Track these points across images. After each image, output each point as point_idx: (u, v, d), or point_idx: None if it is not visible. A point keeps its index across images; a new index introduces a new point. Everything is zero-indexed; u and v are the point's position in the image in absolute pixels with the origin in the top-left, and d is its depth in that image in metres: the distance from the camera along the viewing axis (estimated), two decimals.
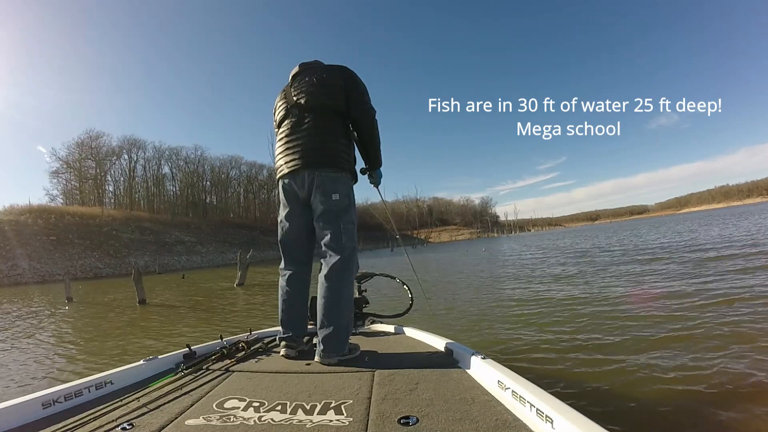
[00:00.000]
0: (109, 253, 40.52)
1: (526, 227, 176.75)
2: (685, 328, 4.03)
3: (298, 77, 2.22)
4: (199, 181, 75.74)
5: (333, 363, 1.91)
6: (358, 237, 2.14)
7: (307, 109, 2.12)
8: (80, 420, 1.32)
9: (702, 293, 5.61)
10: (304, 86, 2.15)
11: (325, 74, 2.15)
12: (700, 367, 3.03)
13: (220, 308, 9.44)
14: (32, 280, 29.43)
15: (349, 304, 2.07)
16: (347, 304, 2.05)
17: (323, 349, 1.94)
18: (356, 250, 2.10)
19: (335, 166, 2.08)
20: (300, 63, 2.28)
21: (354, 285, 2.17)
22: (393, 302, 6.77)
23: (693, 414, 2.41)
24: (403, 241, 76.99)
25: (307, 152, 2.07)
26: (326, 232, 2.07)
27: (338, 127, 2.14)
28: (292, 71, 2.28)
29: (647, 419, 2.39)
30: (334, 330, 1.95)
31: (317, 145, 2.07)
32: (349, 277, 2.08)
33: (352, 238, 2.09)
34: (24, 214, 39.95)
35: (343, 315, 2.00)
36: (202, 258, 47.89)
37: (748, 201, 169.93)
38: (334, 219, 2.06)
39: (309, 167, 2.06)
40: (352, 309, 2.13)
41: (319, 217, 2.09)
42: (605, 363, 3.35)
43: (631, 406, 2.56)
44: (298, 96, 2.15)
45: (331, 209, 2.06)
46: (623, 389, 2.81)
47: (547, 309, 5.77)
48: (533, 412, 1.16)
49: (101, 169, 63.01)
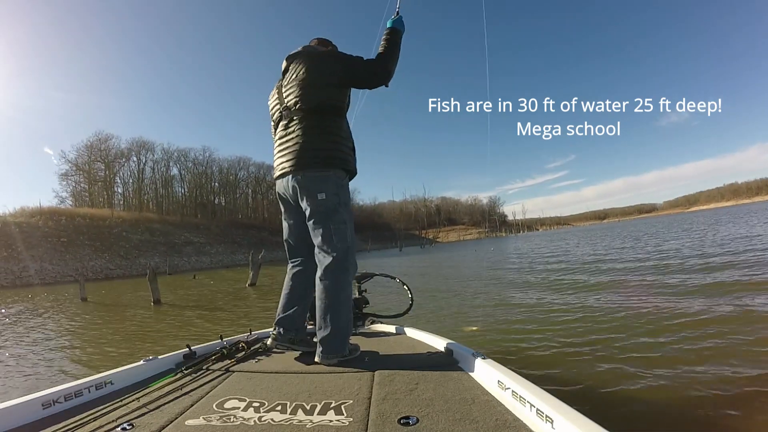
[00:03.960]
0: (119, 255, 40.97)
1: (535, 227, 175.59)
2: (685, 329, 4.00)
3: (287, 74, 2.20)
4: (207, 183, 76.34)
5: (333, 364, 1.89)
6: (367, 237, 2.09)
7: (294, 111, 2.10)
8: (80, 420, 1.32)
9: (701, 293, 5.58)
10: (291, 86, 2.13)
11: (311, 69, 2.09)
12: (700, 368, 3.01)
13: (234, 308, 9.60)
14: (43, 282, 29.76)
15: (347, 305, 2.04)
16: (344, 305, 2.01)
17: (322, 350, 1.93)
18: (350, 251, 2.05)
19: (322, 165, 2.04)
20: (288, 56, 2.23)
21: (352, 285, 2.13)
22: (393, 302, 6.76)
23: (693, 414, 2.39)
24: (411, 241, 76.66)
25: (294, 154, 2.06)
26: (317, 234, 2.05)
27: (327, 123, 2.09)
28: (282, 65, 2.26)
29: (647, 419, 2.38)
30: (332, 331, 1.94)
31: (303, 146, 2.05)
32: (345, 277, 2.03)
33: (343, 238, 2.03)
34: (35, 216, 40.50)
35: (341, 316, 1.98)
36: (212, 259, 48.23)
37: (757, 199, 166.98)
38: (323, 219, 2.03)
39: (295, 169, 2.05)
40: (351, 310, 2.08)
41: (309, 218, 2.07)
42: (605, 363, 3.34)
43: (631, 406, 2.55)
44: (287, 96, 2.15)
45: (318, 210, 2.03)
46: (623, 389, 2.79)
47: (548, 309, 5.74)
48: (533, 412, 1.15)
49: (110, 171, 63.80)
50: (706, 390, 2.64)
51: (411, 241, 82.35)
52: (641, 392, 2.72)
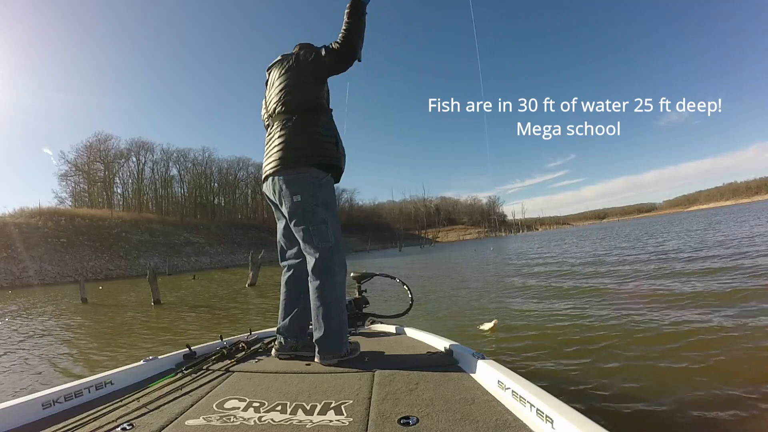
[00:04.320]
0: (119, 255, 40.97)
1: (534, 226, 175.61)
2: (685, 330, 4.00)
3: (269, 81, 2.26)
4: (207, 183, 76.36)
5: (333, 364, 1.89)
6: (367, 238, 2.07)
7: (275, 116, 2.15)
8: (80, 420, 1.32)
9: (702, 294, 5.58)
10: (272, 93, 2.19)
11: (285, 72, 2.13)
12: (700, 368, 3.01)
13: (234, 308, 9.61)
14: (43, 282, 29.82)
15: (338, 305, 2.01)
16: (335, 305, 1.99)
17: (319, 351, 1.94)
18: (334, 250, 2.02)
19: (299, 165, 2.04)
20: (267, 68, 2.29)
21: (342, 284, 2.07)
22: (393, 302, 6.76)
23: (693, 414, 2.39)
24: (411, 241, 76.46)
25: (273, 157, 2.08)
26: (299, 236, 2.06)
27: (304, 122, 2.09)
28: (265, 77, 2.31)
29: (647, 419, 2.38)
30: (326, 332, 1.93)
31: (281, 148, 2.06)
32: (331, 277, 2.00)
33: (324, 238, 2.02)
34: (34, 217, 40.50)
35: (332, 316, 1.96)
36: (211, 259, 48.23)
37: (756, 198, 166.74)
38: (301, 221, 2.03)
39: (274, 172, 2.07)
40: (344, 310, 2.05)
41: (290, 221, 2.09)
42: (605, 363, 3.34)
43: (631, 406, 2.55)
44: (269, 104, 2.20)
45: (296, 212, 2.03)
46: (623, 389, 2.79)
47: (548, 309, 5.74)
48: (533, 413, 1.15)
49: (110, 171, 63.80)
50: (706, 390, 2.64)
51: (411, 241, 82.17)
52: (641, 392, 2.72)
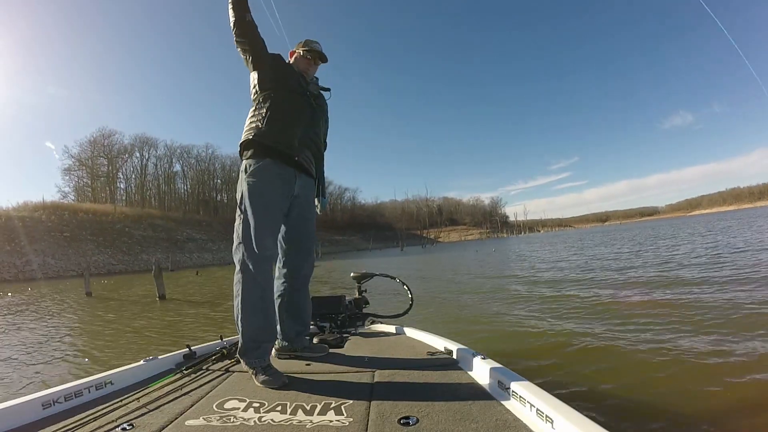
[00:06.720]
0: (122, 250, 41.08)
1: (536, 228, 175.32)
2: (685, 331, 3.99)
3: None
4: (210, 179, 76.63)
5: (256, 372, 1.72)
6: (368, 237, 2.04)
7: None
8: (80, 420, 1.32)
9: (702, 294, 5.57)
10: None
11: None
12: (700, 369, 3.00)
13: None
14: (46, 276, 29.87)
15: (246, 308, 1.84)
16: (245, 310, 1.84)
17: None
18: (241, 246, 1.87)
19: (240, 158, 2.03)
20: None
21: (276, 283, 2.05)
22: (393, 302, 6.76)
23: (693, 414, 2.39)
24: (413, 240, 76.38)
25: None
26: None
27: (249, 112, 2.07)
28: None
29: (647, 419, 2.37)
30: (241, 337, 1.85)
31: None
32: (240, 277, 1.86)
33: (236, 234, 1.90)
34: (38, 211, 40.67)
35: (242, 320, 1.84)
36: (213, 255, 48.28)
37: (759, 204, 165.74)
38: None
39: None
40: (255, 312, 1.85)
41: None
42: (605, 363, 3.34)
43: (631, 406, 2.55)
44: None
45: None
46: (623, 389, 2.79)
47: (549, 310, 5.73)
48: (533, 412, 1.15)
49: (113, 166, 64.11)
50: (705, 390, 2.64)
51: (412, 241, 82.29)
52: (641, 393, 2.72)
